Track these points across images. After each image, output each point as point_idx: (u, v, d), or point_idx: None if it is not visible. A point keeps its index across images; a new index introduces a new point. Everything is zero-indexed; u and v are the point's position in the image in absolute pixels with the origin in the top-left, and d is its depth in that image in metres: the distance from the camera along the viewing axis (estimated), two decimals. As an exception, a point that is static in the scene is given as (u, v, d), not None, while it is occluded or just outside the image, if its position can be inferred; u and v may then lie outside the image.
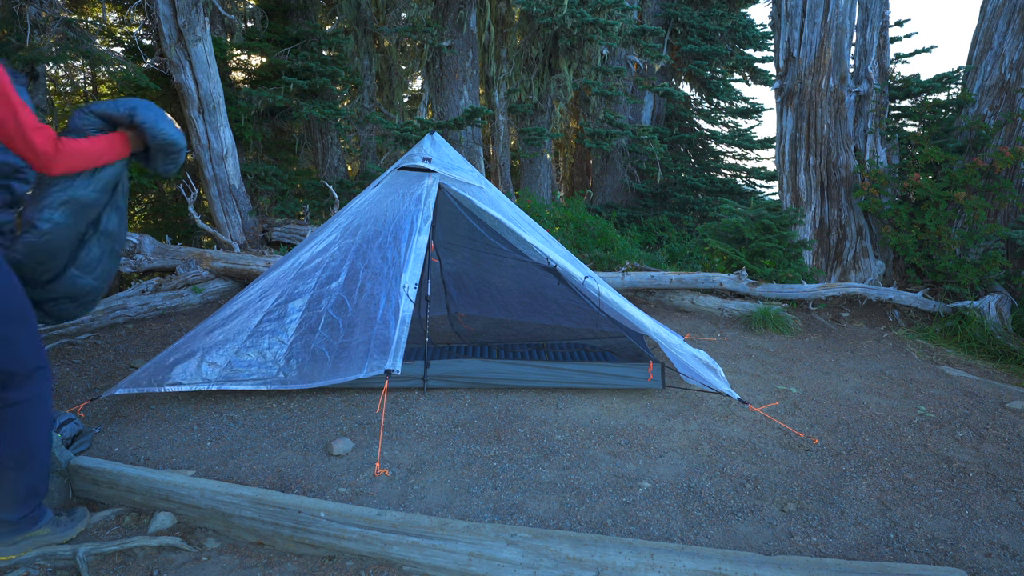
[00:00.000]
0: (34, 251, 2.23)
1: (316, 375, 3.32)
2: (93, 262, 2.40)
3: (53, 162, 2.09)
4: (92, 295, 2.47)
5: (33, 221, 2.21)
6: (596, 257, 6.86)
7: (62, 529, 2.25)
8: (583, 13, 9.08)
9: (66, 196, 2.24)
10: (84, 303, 2.49)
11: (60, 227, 2.24)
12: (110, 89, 9.56)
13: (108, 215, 2.41)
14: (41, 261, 2.26)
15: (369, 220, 3.75)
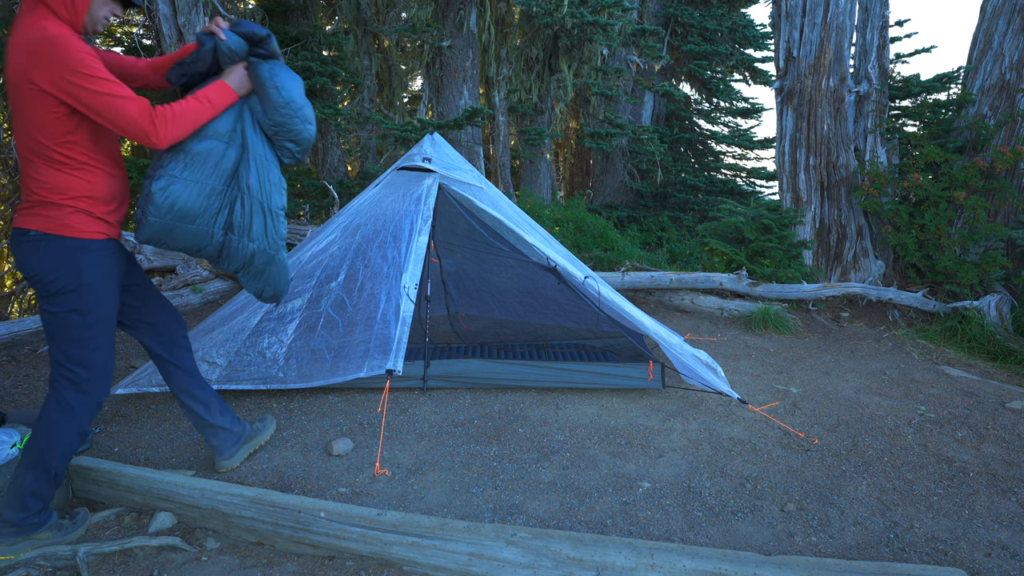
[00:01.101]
0: (163, 217, 2.16)
1: (315, 374, 3.32)
2: (246, 224, 2.31)
3: (155, 137, 2.06)
4: (263, 262, 2.38)
5: (151, 187, 2.16)
6: (596, 257, 6.86)
7: (63, 533, 2.26)
8: (583, 13, 9.08)
9: (173, 148, 2.17)
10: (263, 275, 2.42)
11: (178, 182, 2.16)
12: (110, 89, 9.54)
13: (244, 170, 2.30)
14: (176, 228, 2.19)
15: (369, 220, 3.75)
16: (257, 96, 2.32)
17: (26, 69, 1.93)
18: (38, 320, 4.44)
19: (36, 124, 2.00)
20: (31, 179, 2.06)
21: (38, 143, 2.02)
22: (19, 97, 1.99)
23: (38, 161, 2.04)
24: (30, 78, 1.93)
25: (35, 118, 1.99)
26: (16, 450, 2.45)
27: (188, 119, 2.14)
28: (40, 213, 2.07)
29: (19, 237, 2.08)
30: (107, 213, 2.17)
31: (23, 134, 2.03)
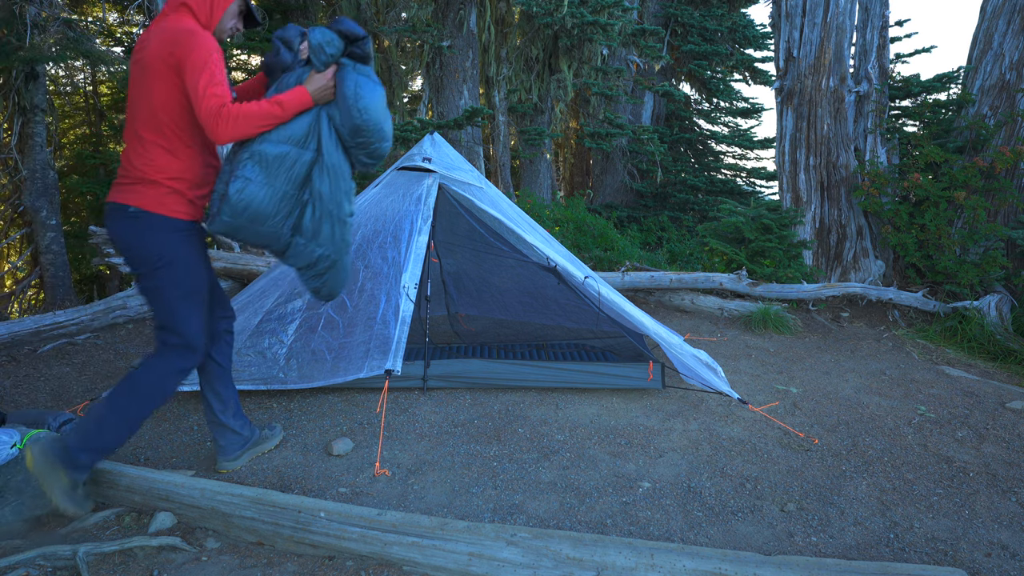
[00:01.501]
0: (236, 218, 2.22)
1: (316, 375, 3.32)
2: (314, 228, 2.33)
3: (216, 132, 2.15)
4: (327, 266, 2.41)
5: (227, 184, 2.22)
6: (596, 257, 6.86)
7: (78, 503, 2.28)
8: (583, 13, 9.08)
9: (249, 151, 2.23)
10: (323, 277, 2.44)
11: (252, 185, 2.21)
12: (110, 89, 9.56)
13: (317, 176, 2.31)
14: (247, 228, 2.25)
15: (369, 220, 3.75)
16: (338, 108, 2.32)
17: (164, 52, 2.14)
18: (38, 320, 4.45)
19: (160, 103, 2.18)
20: (136, 156, 2.22)
21: (159, 124, 2.20)
22: (150, 78, 2.17)
23: (151, 140, 2.20)
24: (165, 59, 2.14)
25: (161, 98, 2.18)
26: (16, 450, 2.45)
27: (252, 121, 2.19)
28: (139, 190, 2.21)
29: (117, 212, 2.23)
30: (197, 197, 2.31)
31: (145, 113, 2.20)
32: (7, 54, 5.39)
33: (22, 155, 6.26)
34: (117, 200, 2.24)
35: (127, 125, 2.29)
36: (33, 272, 6.81)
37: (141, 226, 2.22)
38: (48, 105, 6.54)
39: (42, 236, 6.42)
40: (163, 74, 2.16)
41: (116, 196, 2.24)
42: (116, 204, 2.24)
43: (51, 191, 6.44)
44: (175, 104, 2.19)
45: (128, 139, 2.27)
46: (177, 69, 2.15)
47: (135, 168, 2.22)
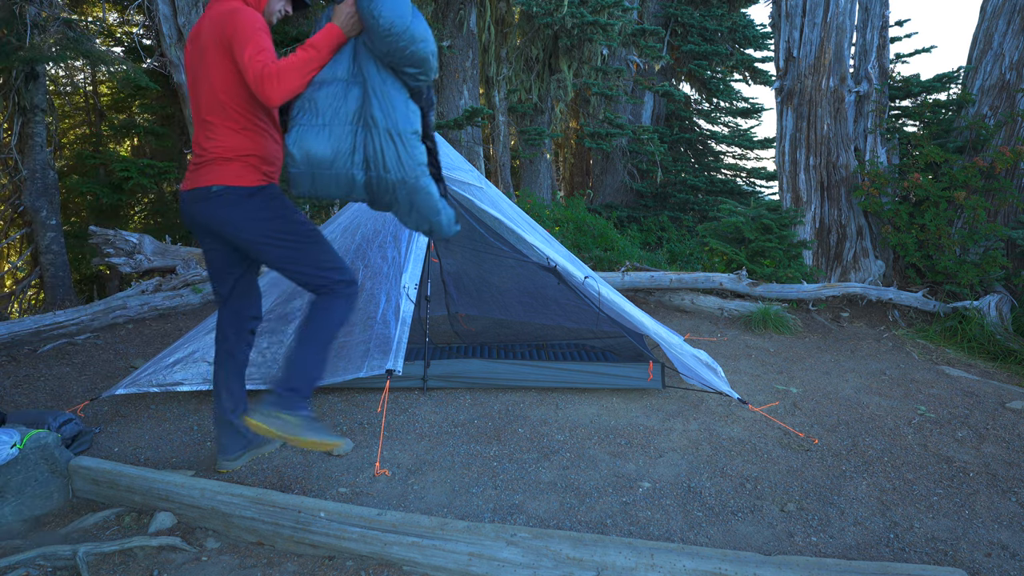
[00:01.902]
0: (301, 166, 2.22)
1: (316, 375, 3.32)
2: (379, 157, 2.26)
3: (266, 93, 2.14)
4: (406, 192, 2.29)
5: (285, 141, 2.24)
6: (596, 257, 6.86)
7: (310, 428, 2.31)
8: (583, 13, 9.08)
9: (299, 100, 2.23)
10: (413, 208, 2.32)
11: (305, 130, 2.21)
12: (110, 89, 9.56)
13: (366, 105, 2.26)
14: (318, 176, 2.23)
15: (369, 220, 3.75)
16: (366, 30, 2.27)
17: (216, 35, 2.20)
18: (38, 320, 4.45)
19: (221, 86, 2.24)
20: (205, 140, 2.29)
21: (222, 106, 2.25)
22: (208, 63, 2.24)
23: (218, 123, 2.27)
24: (218, 42, 2.20)
25: (220, 81, 2.23)
26: (16, 450, 2.45)
27: (294, 72, 2.17)
28: (215, 169, 2.28)
29: (201, 196, 2.28)
30: (270, 172, 2.39)
31: (208, 98, 2.26)
32: (7, 54, 5.39)
33: (22, 155, 6.26)
34: (197, 185, 2.30)
35: (193, 113, 2.35)
36: (33, 272, 6.81)
37: (231, 200, 2.28)
38: (48, 105, 6.54)
39: (42, 236, 6.42)
40: (219, 57, 2.21)
41: (194, 182, 2.30)
42: (197, 189, 2.29)
43: (51, 191, 6.44)
44: (233, 84, 2.24)
45: (196, 125, 2.34)
46: (228, 49, 2.19)
47: (207, 152, 2.28)
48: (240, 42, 2.16)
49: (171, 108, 7.61)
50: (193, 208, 2.33)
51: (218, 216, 2.30)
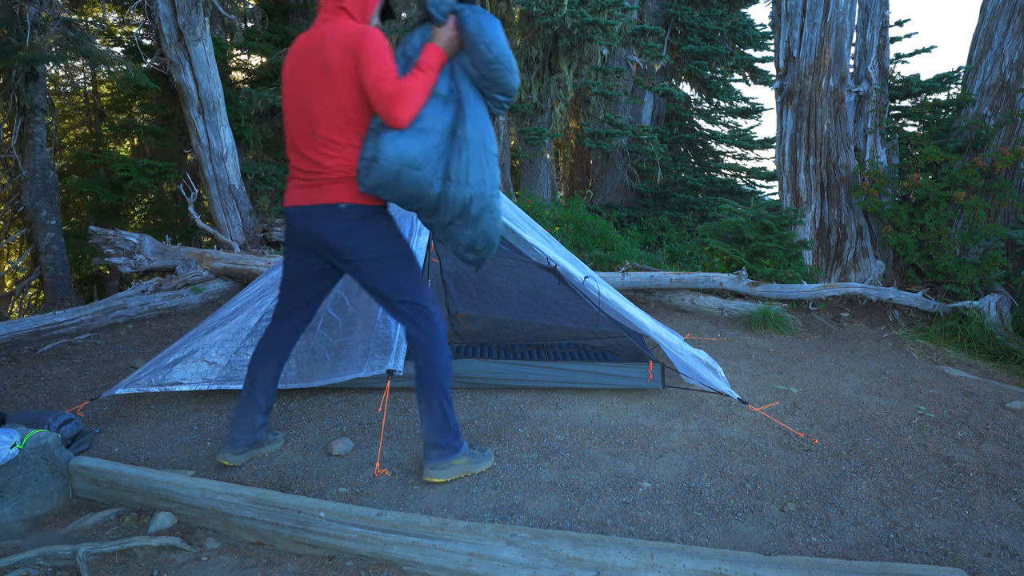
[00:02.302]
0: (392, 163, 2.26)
1: (315, 374, 3.32)
2: (463, 170, 2.35)
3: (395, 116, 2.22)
4: (480, 207, 2.39)
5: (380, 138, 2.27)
6: (596, 257, 6.86)
7: (475, 461, 2.69)
8: (583, 13, 9.08)
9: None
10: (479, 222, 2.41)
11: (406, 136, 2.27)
12: (110, 89, 9.56)
13: (460, 122, 2.36)
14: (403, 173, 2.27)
15: (369, 220, 3.75)
16: (466, 52, 2.37)
17: (346, 56, 2.24)
18: (38, 320, 4.45)
19: (352, 106, 2.29)
20: (327, 158, 2.32)
21: (351, 123, 2.30)
22: (337, 83, 2.27)
23: (343, 141, 2.31)
24: (348, 63, 2.24)
25: (351, 101, 2.28)
26: (16, 450, 2.45)
27: (417, 94, 2.27)
28: (343, 188, 2.34)
29: (328, 212, 2.35)
30: None
31: (337, 116, 2.29)
32: (7, 54, 5.39)
33: (22, 155, 6.26)
34: (323, 201, 2.34)
35: (297, 127, 2.37)
36: (33, 272, 6.81)
37: (355, 218, 2.36)
38: (48, 105, 6.54)
39: (42, 236, 6.42)
40: (350, 78, 2.26)
41: (319, 197, 2.35)
42: (321, 206, 2.35)
43: (51, 191, 6.44)
44: (363, 103, 2.29)
45: (303, 140, 2.36)
46: (355, 64, 2.25)
47: (329, 169, 2.33)
48: (366, 61, 2.22)
49: (171, 108, 7.60)
50: (310, 223, 2.38)
51: (339, 232, 2.36)
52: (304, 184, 2.38)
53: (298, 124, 2.38)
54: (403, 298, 2.46)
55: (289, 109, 2.40)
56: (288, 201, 2.44)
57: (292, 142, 2.42)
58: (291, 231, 2.48)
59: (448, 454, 2.60)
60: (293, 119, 2.39)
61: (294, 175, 2.43)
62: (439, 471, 2.60)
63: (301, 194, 2.39)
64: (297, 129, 2.38)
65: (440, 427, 2.55)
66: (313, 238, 2.40)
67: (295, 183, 2.42)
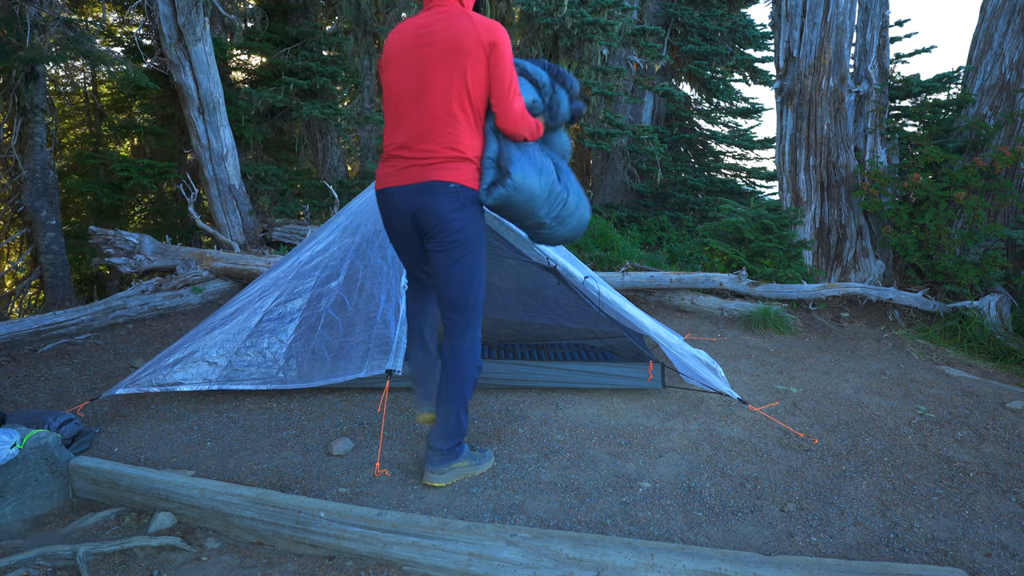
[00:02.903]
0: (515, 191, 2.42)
1: (315, 374, 3.32)
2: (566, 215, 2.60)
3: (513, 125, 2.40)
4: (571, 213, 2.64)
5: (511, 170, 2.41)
6: (596, 257, 6.86)
7: (476, 463, 2.72)
8: (583, 13, 9.08)
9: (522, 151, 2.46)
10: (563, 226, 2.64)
11: (529, 176, 2.42)
12: (110, 89, 9.56)
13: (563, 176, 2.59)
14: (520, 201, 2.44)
15: (369, 220, 3.75)
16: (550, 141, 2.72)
17: (477, 35, 2.28)
18: (38, 320, 4.45)
19: (473, 83, 2.32)
20: (443, 136, 2.35)
21: (470, 102, 2.34)
22: (464, 59, 2.29)
23: (464, 122, 2.35)
24: (481, 43, 2.28)
25: (474, 79, 2.31)
26: (16, 450, 2.45)
27: (527, 131, 2.47)
28: (455, 167, 2.36)
29: (438, 189, 2.35)
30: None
31: (460, 90, 2.32)
32: (7, 54, 5.39)
33: (22, 155, 6.26)
34: (435, 178, 2.35)
35: (429, 103, 2.35)
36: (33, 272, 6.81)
37: (462, 202, 2.37)
38: (48, 105, 6.54)
39: (42, 236, 6.42)
40: (478, 56, 2.29)
41: (431, 174, 2.35)
42: (435, 182, 2.35)
43: (51, 191, 6.44)
44: (483, 86, 2.34)
45: (438, 121, 2.35)
46: (488, 52, 2.30)
47: (444, 147, 2.35)
48: (507, 63, 2.33)
49: (171, 108, 7.61)
50: (418, 200, 2.37)
51: (442, 211, 2.36)
52: (416, 164, 2.37)
53: (409, 101, 2.38)
54: (465, 300, 2.49)
55: (399, 89, 2.39)
56: (392, 182, 2.43)
57: (399, 118, 2.41)
58: (393, 211, 2.46)
59: (449, 459, 2.63)
60: (403, 98, 2.39)
61: (397, 156, 2.42)
62: (440, 475, 2.62)
63: (407, 174, 2.39)
64: (408, 106, 2.38)
65: (451, 432, 2.59)
66: (413, 214, 2.41)
67: (401, 163, 2.41)
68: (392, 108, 2.44)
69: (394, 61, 2.41)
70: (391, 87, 2.43)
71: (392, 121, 2.45)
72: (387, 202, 2.46)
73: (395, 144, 2.44)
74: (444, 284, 2.48)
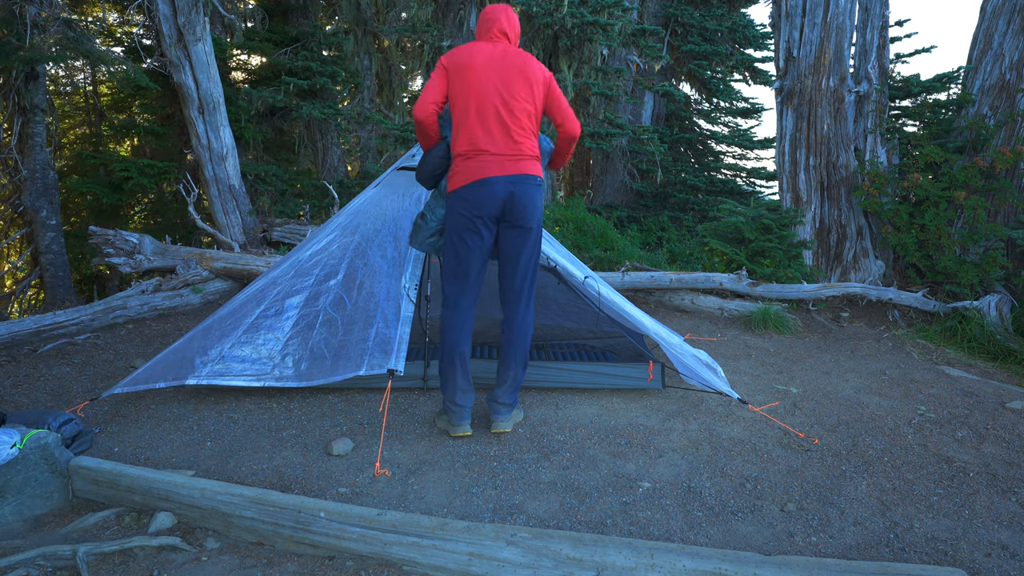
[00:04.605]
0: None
1: (315, 373, 3.32)
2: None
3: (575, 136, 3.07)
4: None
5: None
6: (596, 257, 6.85)
7: (519, 411, 3.28)
8: (583, 13, 9.08)
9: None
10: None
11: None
12: (110, 89, 9.56)
13: None
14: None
15: (369, 219, 3.75)
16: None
17: (542, 72, 2.95)
18: (38, 320, 4.45)
19: (535, 110, 2.93)
20: (524, 141, 2.90)
21: (533, 120, 2.93)
22: (534, 88, 2.91)
23: (529, 131, 2.93)
24: (544, 78, 2.96)
25: (536, 106, 2.93)
26: (16, 450, 2.45)
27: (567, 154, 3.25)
28: (535, 166, 2.93)
29: (531, 181, 2.90)
30: None
31: (531, 110, 2.91)
32: (7, 54, 5.40)
33: (22, 155, 6.26)
34: (528, 172, 2.89)
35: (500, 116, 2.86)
36: (33, 272, 6.82)
37: (540, 189, 2.93)
38: (48, 105, 6.54)
39: (42, 236, 6.43)
40: (540, 89, 2.94)
41: (524, 168, 2.88)
42: (529, 175, 2.89)
43: (51, 191, 6.44)
44: (541, 110, 2.99)
45: (514, 126, 2.87)
46: (548, 84, 2.98)
47: (528, 149, 2.91)
48: (560, 95, 3.01)
49: (171, 108, 7.61)
50: (515, 188, 2.85)
51: (531, 198, 2.88)
52: (506, 159, 2.85)
53: (495, 111, 2.85)
54: (534, 279, 3.03)
55: (486, 98, 2.84)
56: (485, 173, 2.83)
57: (484, 124, 2.85)
58: (489, 198, 2.84)
59: (511, 409, 3.15)
60: (490, 106, 2.84)
61: (486, 151, 2.84)
62: (506, 423, 3.11)
63: (504, 166, 2.84)
64: (494, 115, 2.85)
65: (516, 388, 3.10)
66: (509, 201, 2.85)
67: (489, 158, 2.84)
68: (475, 110, 2.86)
69: (477, 70, 2.85)
70: (475, 92, 2.84)
71: (475, 120, 2.86)
72: (486, 190, 2.85)
73: (476, 140, 2.87)
74: (516, 265, 2.98)
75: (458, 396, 3.04)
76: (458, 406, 3.06)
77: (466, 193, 2.86)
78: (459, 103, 2.87)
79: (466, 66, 2.85)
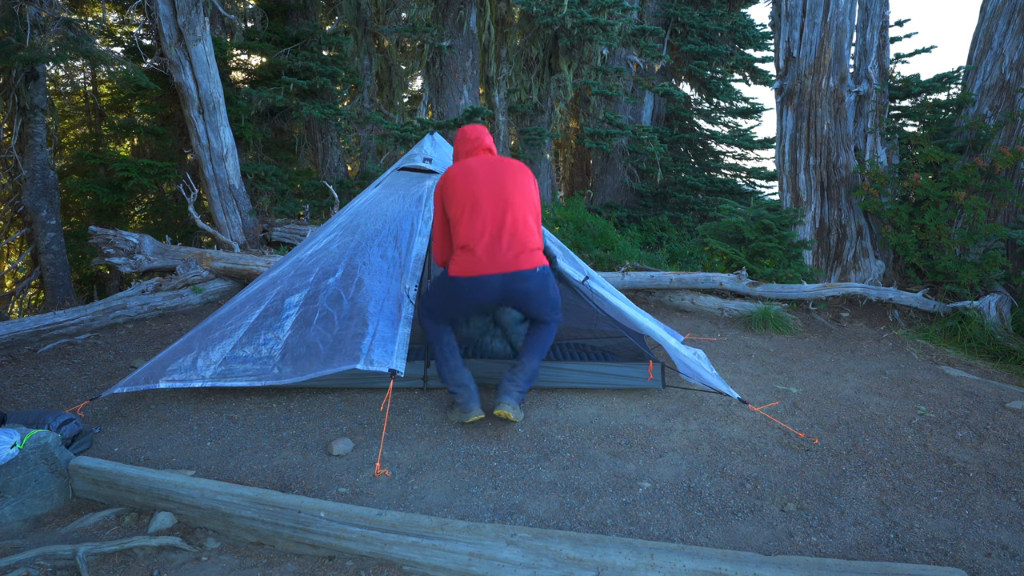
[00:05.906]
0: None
1: (310, 367, 3.30)
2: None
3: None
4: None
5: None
6: (596, 257, 6.85)
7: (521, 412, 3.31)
8: (583, 13, 9.08)
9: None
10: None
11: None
12: (110, 89, 9.57)
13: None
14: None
15: (369, 220, 3.75)
16: None
17: (530, 178, 3.25)
18: (38, 320, 4.45)
19: (533, 209, 3.19)
20: (530, 235, 3.12)
21: (536, 218, 3.21)
22: (529, 190, 3.20)
23: (535, 228, 3.17)
24: (532, 182, 3.26)
25: (533, 206, 3.20)
26: (16, 450, 2.45)
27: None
28: (533, 256, 3.11)
29: (541, 273, 3.12)
30: None
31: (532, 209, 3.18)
32: (7, 54, 5.40)
33: (22, 155, 6.26)
34: (521, 268, 3.06)
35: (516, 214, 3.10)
36: (33, 272, 6.82)
37: (545, 274, 3.15)
38: (48, 105, 6.54)
39: (42, 236, 6.43)
40: (534, 193, 3.24)
41: (535, 261, 3.10)
42: (523, 271, 3.06)
43: (51, 191, 6.44)
44: (539, 205, 3.28)
45: (523, 222, 3.11)
46: (534, 186, 3.27)
47: (533, 242, 3.13)
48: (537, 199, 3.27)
49: (171, 108, 7.61)
50: (515, 284, 3.06)
51: (535, 287, 3.11)
52: (508, 254, 3.04)
53: (498, 214, 3.06)
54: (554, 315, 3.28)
55: (487, 203, 3.05)
56: (488, 270, 3.02)
57: (484, 227, 3.04)
58: (486, 296, 3.08)
59: (519, 399, 3.25)
60: (490, 210, 3.06)
61: (485, 247, 3.03)
62: (513, 409, 3.17)
63: (505, 262, 3.04)
64: (494, 218, 3.06)
65: (530, 380, 3.26)
66: (509, 294, 3.10)
67: (488, 254, 3.02)
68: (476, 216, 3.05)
69: (475, 179, 3.08)
70: (477, 199, 3.05)
71: (477, 224, 3.05)
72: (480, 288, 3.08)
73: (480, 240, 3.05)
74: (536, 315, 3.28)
75: (458, 375, 3.21)
76: (462, 386, 3.18)
77: (464, 284, 3.07)
78: (455, 203, 3.08)
79: (457, 175, 3.11)
